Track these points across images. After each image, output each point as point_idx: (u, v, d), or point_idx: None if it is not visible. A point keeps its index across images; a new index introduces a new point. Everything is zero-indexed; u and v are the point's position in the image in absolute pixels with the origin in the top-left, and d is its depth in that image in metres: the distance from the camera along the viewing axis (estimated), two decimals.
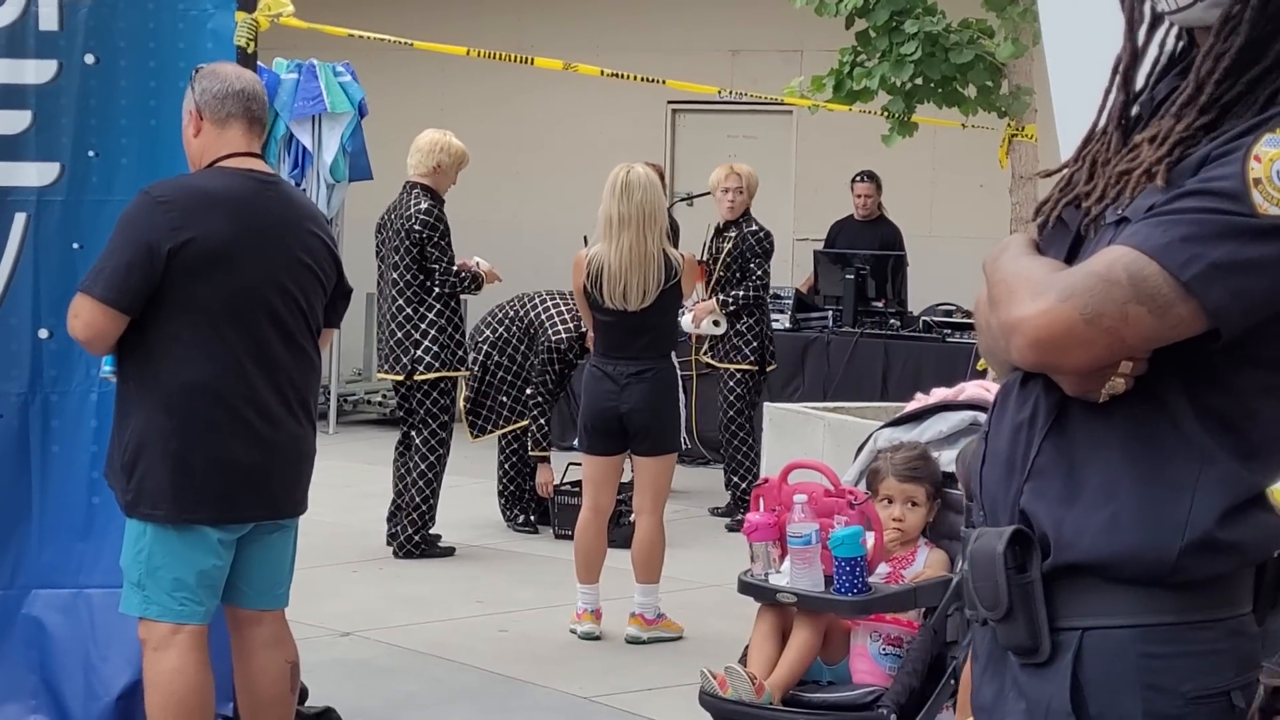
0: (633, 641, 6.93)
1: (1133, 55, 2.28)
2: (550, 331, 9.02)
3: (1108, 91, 2.29)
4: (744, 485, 9.36)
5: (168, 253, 4.31)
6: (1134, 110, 2.28)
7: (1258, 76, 2.13)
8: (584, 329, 8.70)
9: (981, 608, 2.22)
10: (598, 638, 6.97)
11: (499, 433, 9.12)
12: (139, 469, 4.38)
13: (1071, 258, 2.22)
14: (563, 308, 9.07)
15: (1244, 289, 2.03)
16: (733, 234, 9.56)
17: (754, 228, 9.58)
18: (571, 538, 8.74)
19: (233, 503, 4.43)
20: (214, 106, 4.47)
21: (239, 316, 4.40)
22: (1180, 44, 2.29)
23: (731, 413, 9.61)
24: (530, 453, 9.10)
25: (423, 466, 8.43)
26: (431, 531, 8.56)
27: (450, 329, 8.40)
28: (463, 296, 8.55)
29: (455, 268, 8.35)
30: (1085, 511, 2.14)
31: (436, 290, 8.36)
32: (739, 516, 9.09)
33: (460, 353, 8.47)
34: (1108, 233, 2.17)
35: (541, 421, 9.03)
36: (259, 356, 4.42)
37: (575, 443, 7.92)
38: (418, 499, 8.42)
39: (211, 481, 4.38)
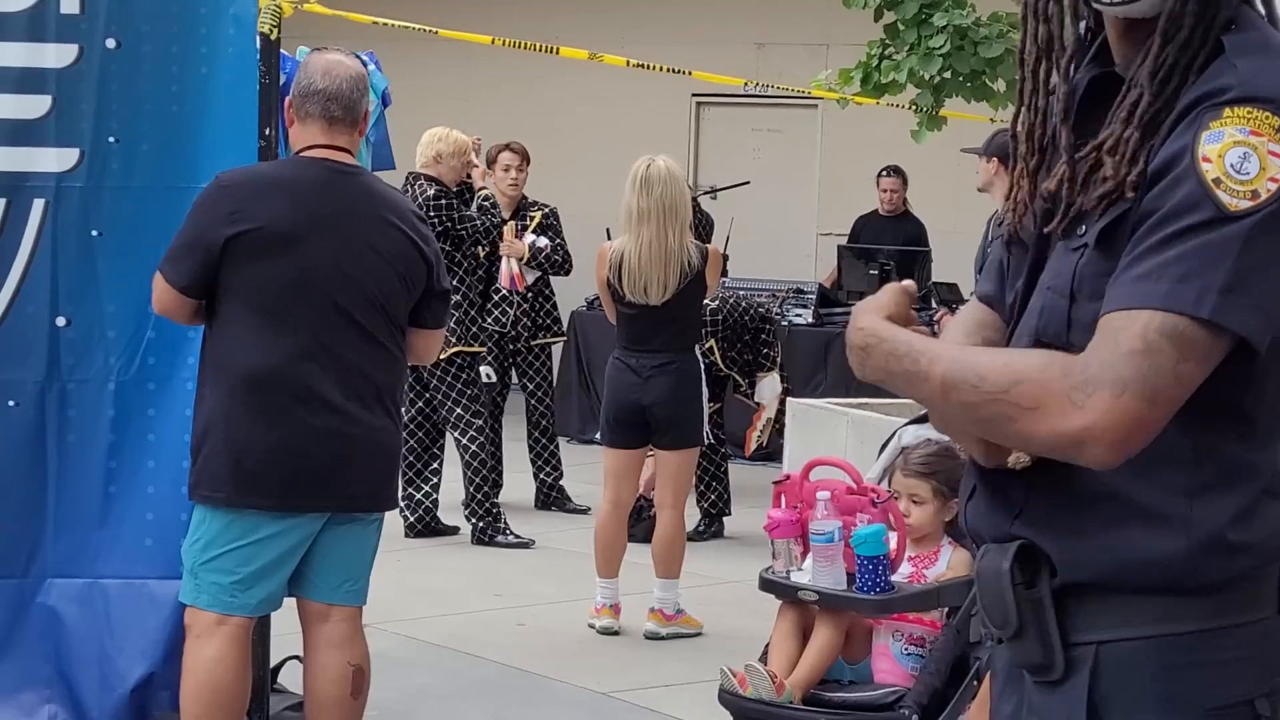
0: (652, 637, 6.89)
1: (1065, 41, 2.17)
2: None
3: (1033, 82, 2.18)
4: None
5: (225, 240, 4.36)
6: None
7: (1202, 64, 2.03)
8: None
9: (992, 626, 2.14)
10: (616, 633, 6.94)
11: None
12: (203, 451, 4.43)
13: (1033, 279, 2.15)
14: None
15: (1262, 297, 1.95)
16: None
17: None
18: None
19: (293, 491, 4.41)
20: (298, 103, 4.56)
21: (300, 304, 4.40)
22: (1087, 30, 2.19)
23: None
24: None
25: (466, 457, 8.47)
26: (448, 520, 8.62)
27: (467, 305, 8.48)
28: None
29: (471, 216, 8.41)
30: (1086, 526, 2.05)
31: (466, 264, 8.47)
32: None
33: (475, 329, 8.53)
34: (1067, 258, 2.09)
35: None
36: (322, 346, 4.41)
37: (597, 436, 7.86)
38: (470, 489, 8.48)
39: (271, 469, 4.39)
